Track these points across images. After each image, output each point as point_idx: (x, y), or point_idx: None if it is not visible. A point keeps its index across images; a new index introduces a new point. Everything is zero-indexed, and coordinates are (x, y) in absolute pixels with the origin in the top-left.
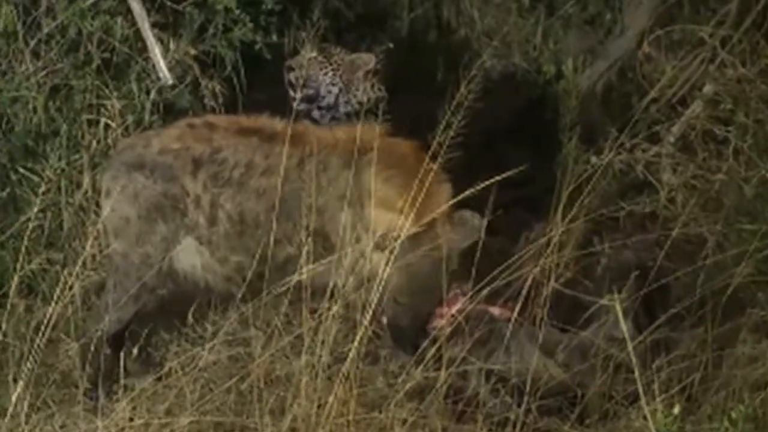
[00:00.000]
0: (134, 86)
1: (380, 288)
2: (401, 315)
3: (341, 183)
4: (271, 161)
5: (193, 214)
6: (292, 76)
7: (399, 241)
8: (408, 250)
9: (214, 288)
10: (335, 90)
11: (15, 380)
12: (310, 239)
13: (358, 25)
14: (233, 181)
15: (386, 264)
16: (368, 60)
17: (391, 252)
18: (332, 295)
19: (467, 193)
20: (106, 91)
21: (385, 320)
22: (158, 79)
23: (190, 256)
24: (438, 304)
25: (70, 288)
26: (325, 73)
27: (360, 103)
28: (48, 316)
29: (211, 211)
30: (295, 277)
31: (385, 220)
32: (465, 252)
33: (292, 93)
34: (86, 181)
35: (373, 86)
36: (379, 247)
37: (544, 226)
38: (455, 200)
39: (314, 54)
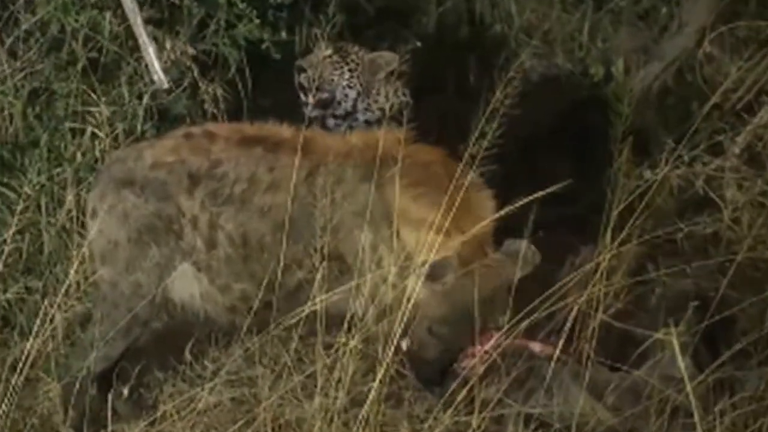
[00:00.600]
0: (125, 90)
1: (407, 312)
2: (431, 347)
3: (358, 198)
4: (276, 174)
5: (190, 237)
6: (303, 77)
7: (446, 264)
8: (456, 273)
9: (215, 320)
10: (353, 94)
11: None
12: (323, 263)
13: (380, 20)
14: (234, 199)
15: (417, 283)
16: (390, 60)
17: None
18: (350, 327)
19: (505, 211)
20: (93, 96)
21: (404, 346)
22: (152, 82)
23: (187, 284)
24: (470, 340)
25: (51, 320)
26: (341, 75)
27: (381, 110)
28: (26, 352)
29: (210, 233)
30: (308, 307)
31: (422, 242)
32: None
33: (303, 97)
34: (70, 198)
35: (396, 90)
36: (430, 276)
37: (592, 250)
38: (490, 219)
39: (329, 52)
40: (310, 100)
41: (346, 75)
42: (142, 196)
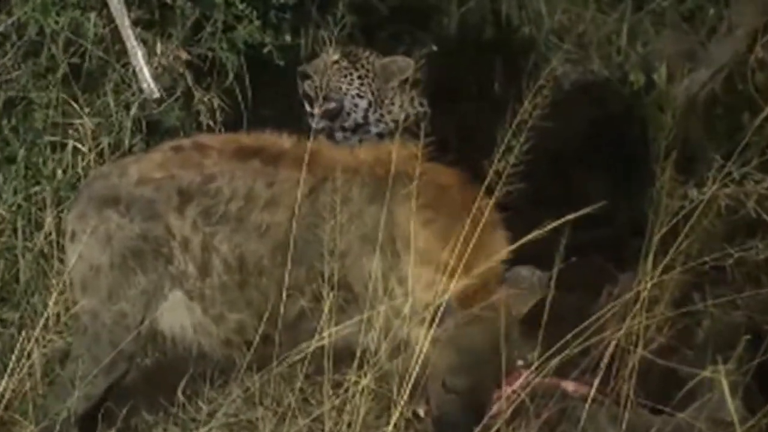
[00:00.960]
0: (110, 100)
1: (419, 362)
2: (452, 405)
3: (366, 220)
4: (275, 190)
5: (181, 261)
6: (307, 85)
7: (444, 308)
8: (457, 318)
9: (210, 355)
10: (363, 104)
11: None
12: (329, 291)
13: (394, 21)
14: (230, 217)
15: (426, 335)
16: (405, 66)
17: (432, 322)
18: (361, 363)
19: (533, 235)
20: (75, 106)
21: (422, 413)
22: (141, 91)
23: (177, 315)
24: (496, 385)
25: (28, 356)
26: (351, 82)
27: (395, 122)
28: (0, 391)
29: (204, 257)
30: (314, 341)
31: (424, 279)
32: (530, 311)
33: (308, 107)
34: (49, 221)
35: (412, 100)
36: (424, 320)
37: (631, 278)
38: (518, 244)
39: (336, 57)
40: (316, 110)
41: (356, 83)
42: (127, 215)
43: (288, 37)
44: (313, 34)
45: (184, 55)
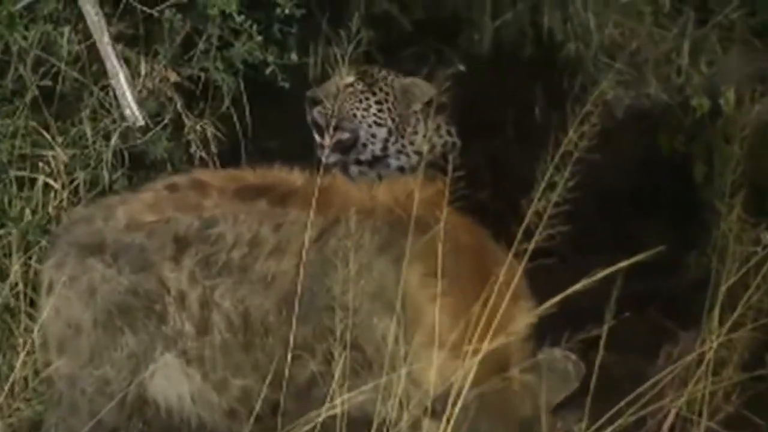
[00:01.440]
0: (87, 128)
1: None
2: None
3: (374, 274)
4: (282, 234)
5: (176, 320)
6: (317, 112)
7: (460, 403)
8: (475, 414)
9: (211, 428)
10: (382, 133)
11: None
12: (341, 351)
13: (418, 37)
14: (233, 267)
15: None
16: (426, 89)
17: (449, 421)
18: None
19: (579, 285)
20: (46, 135)
21: None
22: (123, 117)
23: (172, 382)
24: None
25: None
26: (367, 108)
27: (419, 154)
28: None
29: (203, 314)
30: (325, 409)
31: (434, 363)
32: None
33: (317, 138)
34: (15, 269)
35: (438, 128)
36: (435, 413)
37: (694, 337)
38: (561, 297)
39: (350, 80)
40: (326, 141)
41: (373, 108)
42: (114, 266)
43: (294, 56)
44: (323, 51)
45: (173, 77)
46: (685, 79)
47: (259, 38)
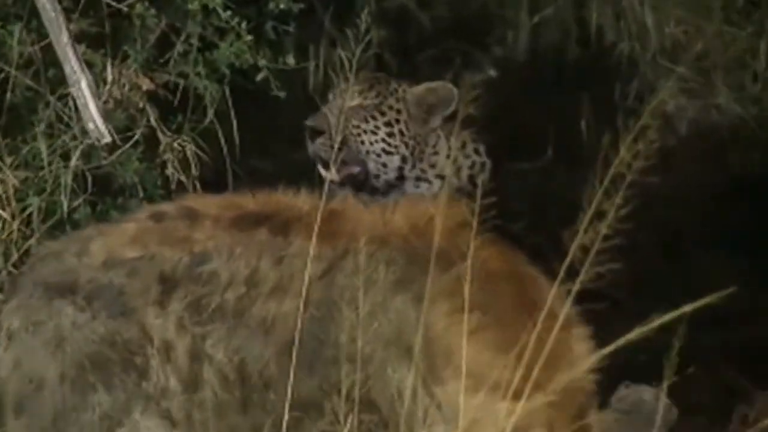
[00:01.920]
0: (42, 146)
1: None
2: None
3: (390, 315)
4: (284, 269)
5: (160, 375)
6: (319, 145)
7: None
8: None
9: None
10: (395, 162)
11: None
12: (350, 411)
13: (440, 37)
14: (227, 311)
15: None
16: (448, 96)
17: None
18: None
19: (635, 334)
20: None
21: None
22: (85, 133)
23: None
24: None
25: None
26: (375, 131)
27: (442, 177)
28: None
29: (192, 367)
30: None
31: (473, 409)
32: None
33: (322, 171)
34: None
35: (464, 146)
36: None
37: None
38: (613, 347)
39: (355, 100)
40: (333, 176)
41: (382, 133)
42: (88, 310)
43: (291, 59)
44: (325, 54)
45: (146, 84)
46: (761, 87)
47: (249, 38)
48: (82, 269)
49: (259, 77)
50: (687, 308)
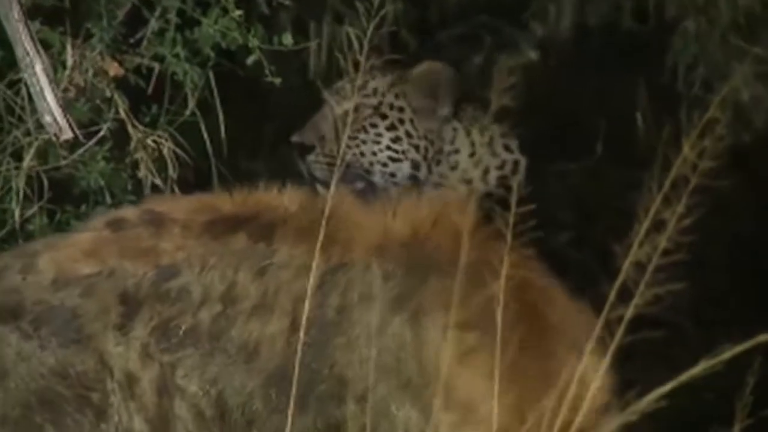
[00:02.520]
0: None
1: None
2: None
3: (387, 341)
4: (268, 283)
5: (122, 413)
6: (312, 163)
7: None
8: None
9: None
10: (404, 168)
11: None
12: None
13: (467, 12)
14: (201, 334)
15: None
16: (449, 76)
17: None
18: None
19: (698, 369)
20: None
21: None
22: (40, 127)
23: None
24: None
25: None
26: (377, 140)
27: (467, 182)
28: None
29: (160, 403)
30: None
31: None
32: None
33: (320, 188)
34: None
35: (491, 141)
36: None
37: None
38: (676, 384)
39: (348, 105)
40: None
41: (386, 139)
42: (35, 337)
43: (288, 38)
44: (329, 33)
45: (114, 69)
46: None
47: (238, 13)
48: (28, 289)
49: (250, 60)
50: (763, 338)
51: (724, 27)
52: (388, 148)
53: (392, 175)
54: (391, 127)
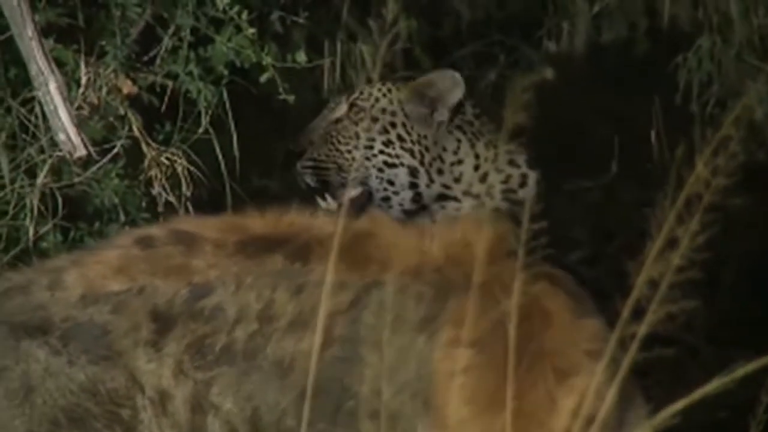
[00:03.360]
0: (2, 160)
1: None
2: None
3: (411, 363)
4: (304, 301)
5: (153, 429)
6: (300, 169)
7: None
8: None
9: None
10: (402, 175)
11: None
12: None
13: (482, 30)
14: (236, 353)
15: None
16: (447, 84)
17: None
18: None
19: (711, 386)
20: None
21: None
22: (54, 145)
23: None
24: None
25: None
26: (370, 145)
27: (472, 196)
28: None
29: (194, 421)
30: None
31: None
32: None
33: (321, 202)
34: None
35: (495, 157)
36: None
37: None
38: (688, 402)
39: (341, 110)
40: (331, 204)
41: (378, 143)
42: (64, 353)
43: (302, 56)
44: (344, 50)
45: (128, 87)
46: None
47: (252, 31)
48: (56, 305)
49: (264, 78)
50: None
51: (738, 45)
52: (381, 152)
53: (390, 183)
54: (383, 131)
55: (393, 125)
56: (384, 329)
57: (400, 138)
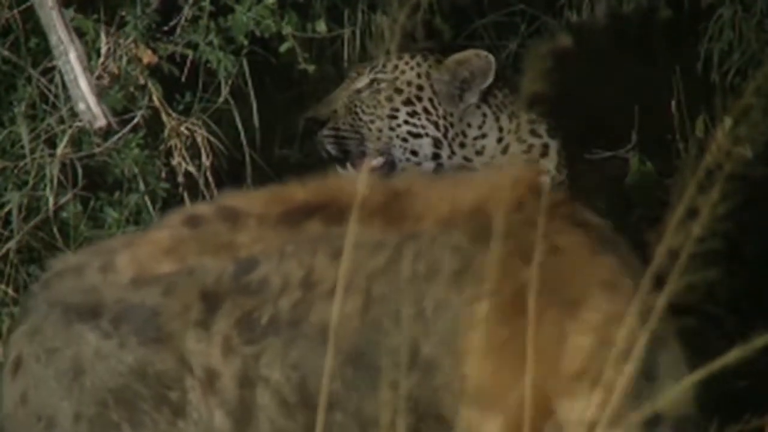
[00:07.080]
0: (22, 131)
1: None
2: None
3: (447, 315)
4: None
5: (201, 411)
6: (323, 138)
7: None
8: None
9: None
10: (426, 145)
11: None
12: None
13: (502, 1)
14: (281, 322)
15: None
16: (481, 66)
17: None
18: None
19: (731, 357)
20: None
21: None
22: (74, 115)
23: None
24: None
25: None
26: (394, 115)
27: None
28: None
29: (243, 396)
30: None
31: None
32: None
33: (341, 170)
34: None
35: (518, 127)
36: None
37: None
38: (704, 374)
39: (364, 81)
40: (350, 170)
41: (403, 114)
42: (115, 336)
43: (322, 26)
44: (365, 20)
45: (148, 56)
46: None
47: (272, 1)
48: (108, 288)
49: (284, 48)
50: None
51: (760, 14)
52: (406, 122)
53: (414, 153)
54: (408, 102)
55: (419, 99)
56: (420, 282)
57: (426, 111)
